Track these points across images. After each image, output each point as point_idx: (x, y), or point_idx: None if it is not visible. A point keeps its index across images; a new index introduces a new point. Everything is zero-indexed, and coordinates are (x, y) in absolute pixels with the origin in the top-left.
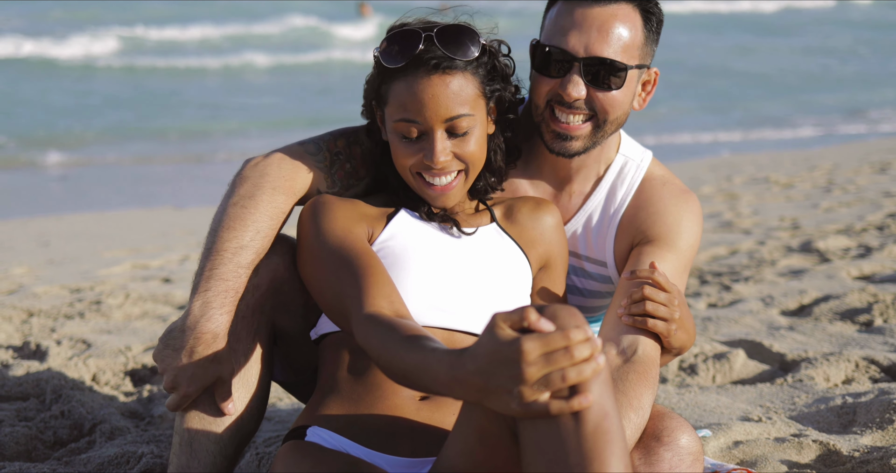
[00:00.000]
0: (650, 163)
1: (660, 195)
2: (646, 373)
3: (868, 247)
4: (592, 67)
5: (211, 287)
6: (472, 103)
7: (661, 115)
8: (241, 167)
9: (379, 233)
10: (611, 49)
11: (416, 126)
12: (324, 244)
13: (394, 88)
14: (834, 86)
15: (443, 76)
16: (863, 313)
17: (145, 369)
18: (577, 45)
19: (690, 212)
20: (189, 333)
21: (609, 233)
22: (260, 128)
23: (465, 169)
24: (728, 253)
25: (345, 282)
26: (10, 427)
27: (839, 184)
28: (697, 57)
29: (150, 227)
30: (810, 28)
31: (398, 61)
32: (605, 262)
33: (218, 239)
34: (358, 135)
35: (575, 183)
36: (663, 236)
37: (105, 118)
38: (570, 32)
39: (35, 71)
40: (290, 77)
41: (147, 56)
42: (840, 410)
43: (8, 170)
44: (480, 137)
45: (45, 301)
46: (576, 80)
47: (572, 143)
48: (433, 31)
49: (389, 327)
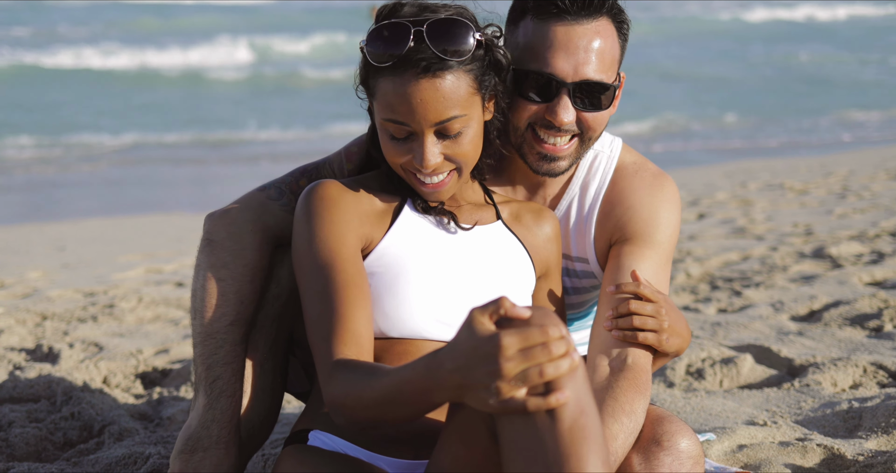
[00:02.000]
0: (621, 150)
1: (632, 187)
2: (636, 380)
3: (881, 253)
4: (582, 90)
5: (219, 375)
6: (464, 103)
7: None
8: (205, 225)
9: (380, 239)
10: (598, 69)
11: (405, 128)
12: (313, 257)
13: (381, 85)
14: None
15: (432, 79)
16: (873, 318)
17: (156, 372)
18: (565, 69)
19: (666, 201)
20: (215, 425)
21: (588, 229)
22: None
23: (459, 167)
24: (740, 259)
25: (321, 316)
26: (20, 427)
27: (854, 191)
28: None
29: (165, 232)
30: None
31: (384, 60)
32: (587, 259)
33: (207, 321)
34: (320, 170)
35: (548, 187)
36: (640, 232)
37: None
38: (556, 55)
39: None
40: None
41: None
42: (846, 414)
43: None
44: (475, 136)
45: (58, 304)
46: (566, 105)
47: (559, 163)
48: (423, 26)
49: (354, 367)
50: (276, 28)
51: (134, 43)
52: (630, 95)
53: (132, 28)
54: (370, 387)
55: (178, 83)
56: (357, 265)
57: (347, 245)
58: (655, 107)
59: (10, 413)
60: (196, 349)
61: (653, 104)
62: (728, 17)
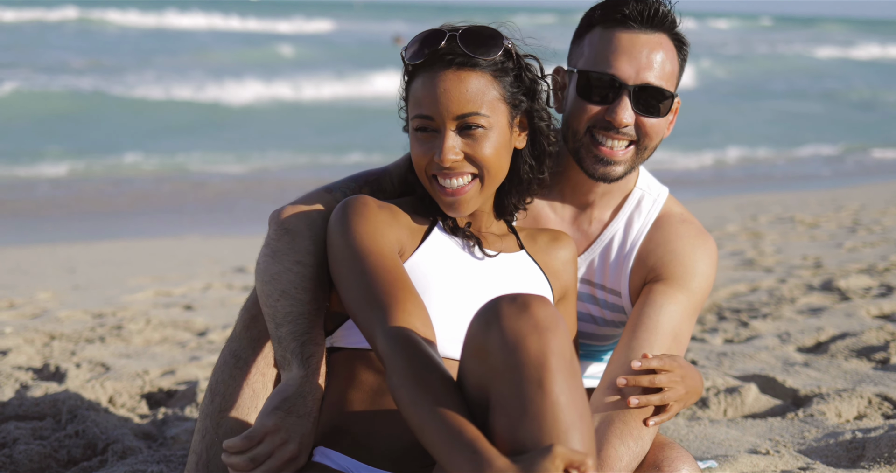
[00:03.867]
0: (667, 198)
1: (678, 233)
2: (649, 409)
3: (890, 287)
4: (642, 94)
5: (313, 353)
6: (489, 104)
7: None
8: (275, 218)
9: (411, 253)
10: (658, 76)
11: (429, 122)
12: (353, 247)
13: (413, 85)
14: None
15: (458, 72)
16: (879, 351)
17: (161, 392)
18: (627, 71)
19: (706, 255)
20: (310, 398)
21: (626, 264)
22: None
23: (480, 174)
24: (748, 291)
25: (374, 289)
26: (25, 445)
27: (864, 225)
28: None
29: (175, 256)
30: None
31: (417, 57)
32: (619, 292)
33: (299, 302)
34: (381, 181)
35: (596, 209)
36: (677, 276)
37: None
38: (620, 58)
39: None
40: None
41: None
42: (849, 445)
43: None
44: (499, 144)
45: (67, 325)
46: (626, 106)
47: (615, 168)
48: (458, 31)
49: (423, 361)
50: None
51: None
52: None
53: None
54: (422, 412)
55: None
56: (399, 260)
57: (387, 238)
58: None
59: (15, 431)
60: (283, 328)
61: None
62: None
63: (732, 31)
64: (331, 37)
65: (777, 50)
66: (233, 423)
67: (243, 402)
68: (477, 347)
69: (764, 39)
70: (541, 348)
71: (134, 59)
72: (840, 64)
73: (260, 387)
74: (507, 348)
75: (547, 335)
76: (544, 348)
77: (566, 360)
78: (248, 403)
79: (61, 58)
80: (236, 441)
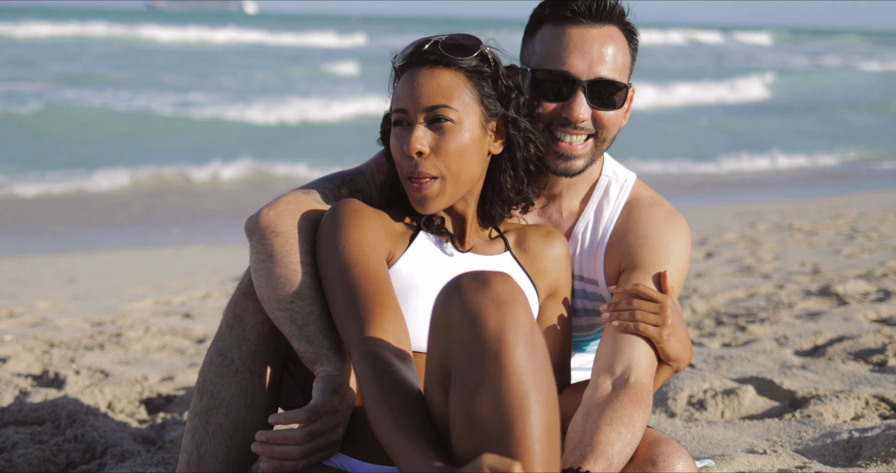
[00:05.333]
0: (634, 183)
1: (647, 217)
2: (637, 396)
3: (887, 292)
4: (596, 88)
5: (342, 354)
6: (460, 101)
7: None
8: (260, 223)
9: (398, 257)
10: (611, 69)
11: (404, 115)
12: (339, 257)
13: (397, 88)
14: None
15: (433, 69)
16: (877, 353)
17: (160, 398)
18: (580, 67)
19: (678, 237)
20: (351, 391)
21: (598, 252)
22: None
23: (442, 176)
24: (746, 296)
25: (353, 303)
26: (24, 449)
27: (863, 232)
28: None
29: (175, 266)
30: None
31: (401, 59)
32: (596, 281)
33: (316, 301)
34: (356, 180)
35: (565, 200)
36: (651, 261)
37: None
38: (572, 54)
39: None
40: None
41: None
42: (846, 444)
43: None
44: (467, 142)
45: (66, 333)
46: (581, 101)
47: (576, 162)
48: (442, 38)
49: (391, 378)
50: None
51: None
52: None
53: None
54: (387, 427)
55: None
56: (386, 273)
57: (378, 251)
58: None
59: (14, 435)
60: (309, 327)
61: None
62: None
63: (766, 46)
64: (366, 51)
65: (821, 63)
66: (221, 420)
67: (232, 399)
68: (439, 322)
69: (796, 52)
70: (499, 321)
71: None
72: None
73: (248, 384)
74: (467, 321)
75: (504, 308)
76: (502, 321)
77: (525, 332)
78: (236, 399)
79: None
80: (300, 413)
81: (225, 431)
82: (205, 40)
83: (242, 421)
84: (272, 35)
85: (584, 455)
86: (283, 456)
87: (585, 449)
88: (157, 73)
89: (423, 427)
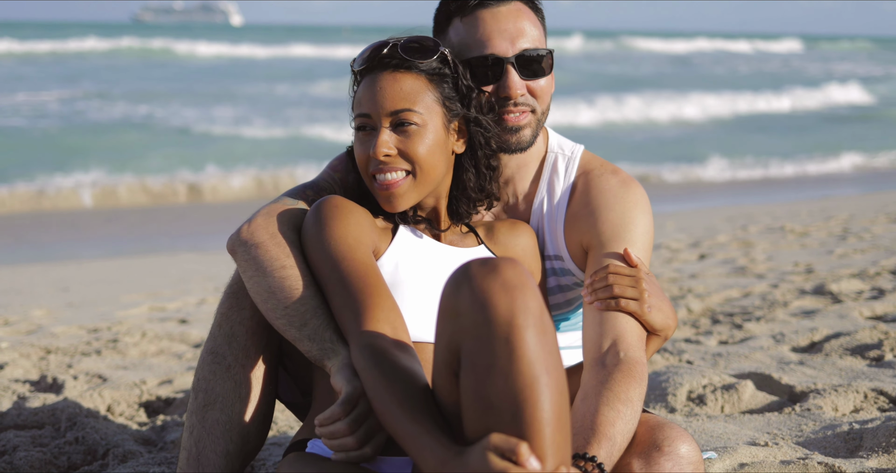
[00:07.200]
0: (582, 154)
1: (600, 188)
2: (630, 371)
3: (881, 290)
4: (523, 61)
5: (339, 350)
6: (423, 104)
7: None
8: (241, 238)
9: (383, 252)
10: (531, 40)
11: (367, 120)
12: (328, 252)
13: (358, 90)
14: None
15: (394, 73)
16: (873, 348)
17: (159, 401)
18: (503, 46)
19: (635, 203)
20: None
21: (558, 228)
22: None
23: (413, 170)
24: (741, 296)
25: (347, 296)
26: (24, 452)
27: (854, 233)
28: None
29: (169, 273)
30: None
31: (360, 64)
32: (561, 257)
33: (308, 299)
34: (320, 185)
35: (517, 183)
36: (614, 234)
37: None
38: (491, 36)
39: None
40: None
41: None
42: (847, 436)
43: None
44: (432, 142)
45: (62, 340)
46: (514, 76)
47: (524, 132)
48: (401, 40)
49: (391, 367)
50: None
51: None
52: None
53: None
54: (392, 414)
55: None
56: (375, 264)
57: (365, 244)
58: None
59: (15, 439)
60: (307, 326)
61: None
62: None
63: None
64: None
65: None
66: (217, 415)
67: (226, 394)
68: (448, 308)
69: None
70: (509, 306)
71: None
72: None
73: (241, 378)
74: (477, 306)
75: (514, 292)
76: (512, 305)
77: (535, 317)
78: (231, 394)
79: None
80: (335, 409)
81: (222, 426)
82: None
83: (238, 415)
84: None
85: (587, 440)
86: (342, 449)
87: (588, 433)
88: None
89: (429, 411)
